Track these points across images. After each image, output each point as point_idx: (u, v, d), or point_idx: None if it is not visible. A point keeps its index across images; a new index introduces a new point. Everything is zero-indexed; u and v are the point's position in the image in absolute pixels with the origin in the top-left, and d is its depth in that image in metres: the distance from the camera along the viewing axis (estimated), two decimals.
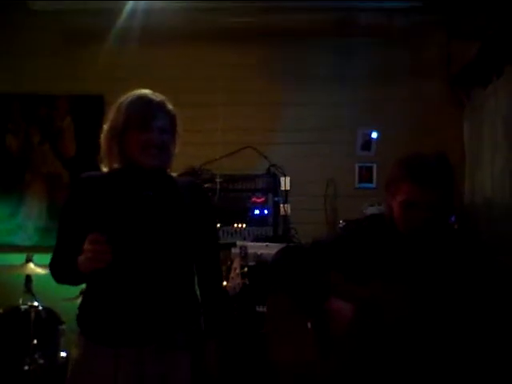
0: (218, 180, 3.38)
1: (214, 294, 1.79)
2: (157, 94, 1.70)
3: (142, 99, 1.66)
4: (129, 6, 3.52)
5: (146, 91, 1.69)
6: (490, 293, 1.67)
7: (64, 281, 1.72)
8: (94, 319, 1.63)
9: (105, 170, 1.71)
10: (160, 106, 1.66)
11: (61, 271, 1.69)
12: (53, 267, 1.70)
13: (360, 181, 3.66)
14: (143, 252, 1.61)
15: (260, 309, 2.82)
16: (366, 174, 3.65)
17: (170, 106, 1.69)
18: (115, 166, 1.68)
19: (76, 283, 1.74)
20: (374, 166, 3.65)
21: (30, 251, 3.21)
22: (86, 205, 1.63)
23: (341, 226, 3.20)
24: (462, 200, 3.41)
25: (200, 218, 1.73)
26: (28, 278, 3.03)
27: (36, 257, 3.09)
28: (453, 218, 2.72)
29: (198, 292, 1.79)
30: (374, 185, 3.64)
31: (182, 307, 1.67)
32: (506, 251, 2.60)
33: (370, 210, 3.16)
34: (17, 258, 3.26)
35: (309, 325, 1.83)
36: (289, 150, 3.64)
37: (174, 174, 1.79)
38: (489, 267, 1.73)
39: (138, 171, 1.66)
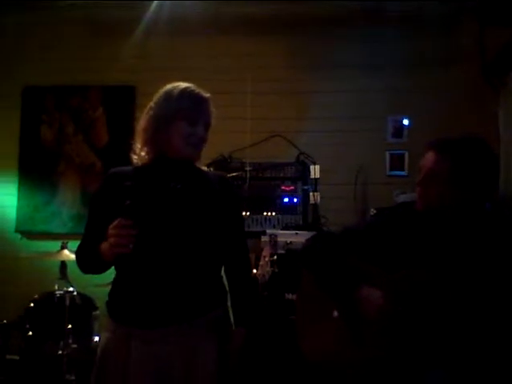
0: (247, 168, 3.39)
1: (242, 284, 1.81)
2: (201, 89, 1.74)
3: (194, 93, 1.71)
4: None
5: (191, 85, 1.73)
6: None
7: (88, 269, 1.73)
8: (123, 302, 1.67)
9: (135, 160, 1.74)
10: (208, 102, 1.73)
11: (85, 260, 1.72)
12: (78, 256, 1.74)
13: (391, 168, 3.63)
14: (169, 242, 1.64)
15: (289, 296, 2.83)
16: (397, 162, 3.61)
17: (212, 105, 1.74)
18: (146, 157, 1.72)
19: (99, 271, 1.72)
20: (406, 154, 3.61)
21: (64, 238, 3.27)
22: (115, 197, 1.65)
23: (372, 214, 3.16)
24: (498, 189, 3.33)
25: (227, 211, 1.76)
26: (63, 264, 3.09)
27: (70, 244, 3.16)
28: (488, 206, 2.66)
29: (225, 283, 1.81)
30: (405, 172, 3.60)
31: (205, 295, 1.69)
32: None
33: (402, 198, 3.12)
34: (52, 245, 3.33)
35: (335, 313, 1.83)
36: (318, 138, 3.63)
37: (204, 168, 1.84)
38: None
39: (167, 164, 1.70)
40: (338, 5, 3.63)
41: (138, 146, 1.75)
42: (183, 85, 1.72)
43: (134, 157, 1.75)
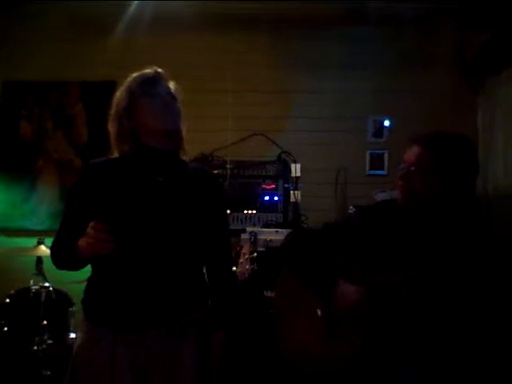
0: (228, 166, 3.38)
1: (224, 285, 1.76)
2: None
3: (144, 73, 1.68)
4: None
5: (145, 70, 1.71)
6: (501, 278, 1.64)
7: (63, 265, 1.69)
8: (98, 303, 1.62)
9: (116, 155, 1.68)
10: (160, 76, 1.69)
11: (60, 255, 1.67)
12: (53, 251, 1.68)
13: (371, 168, 3.66)
14: (150, 238, 1.59)
15: (268, 294, 2.82)
16: (377, 161, 3.65)
17: (166, 76, 1.71)
18: (126, 149, 1.66)
19: (75, 268, 1.67)
20: (386, 153, 3.65)
21: (42, 235, 3.23)
22: (94, 191, 1.61)
23: (350, 211, 3.18)
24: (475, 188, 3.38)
25: (210, 206, 1.71)
26: (39, 260, 3.06)
27: (47, 240, 3.12)
28: (466, 205, 2.69)
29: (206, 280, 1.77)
30: (385, 172, 3.64)
31: (187, 295, 1.65)
32: None
33: (381, 196, 3.14)
34: (29, 242, 3.29)
35: (319, 312, 1.83)
36: (299, 137, 3.64)
37: (187, 159, 1.76)
38: (499, 252, 1.70)
39: (149, 155, 1.65)
40: (321, 5, 3.65)
41: (113, 144, 1.68)
42: (136, 72, 1.71)
43: (115, 154, 1.69)
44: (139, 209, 1.60)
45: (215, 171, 3.33)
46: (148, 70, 1.69)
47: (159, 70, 1.71)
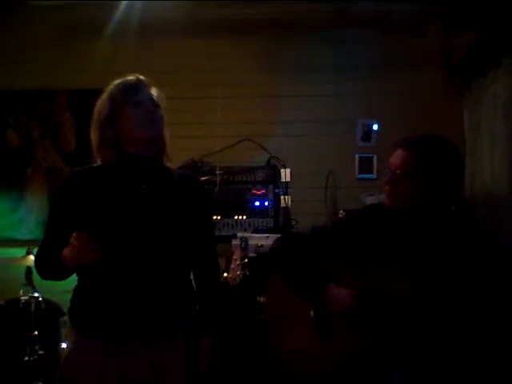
0: (218, 172, 3.39)
1: (210, 290, 1.75)
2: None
3: (126, 80, 1.67)
4: None
5: (128, 77, 1.69)
6: (491, 281, 1.66)
7: (47, 275, 1.67)
8: (85, 312, 1.60)
9: (99, 163, 1.67)
10: (143, 83, 1.67)
11: (45, 265, 1.66)
12: (37, 261, 1.68)
13: (360, 171, 3.68)
14: (135, 246, 1.58)
15: (260, 299, 2.83)
16: (366, 165, 3.66)
17: (148, 84, 1.69)
18: (108, 157, 1.65)
19: (59, 278, 1.66)
20: (375, 157, 3.66)
21: (31, 245, 3.21)
22: (77, 199, 1.60)
23: (340, 215, 3.20)
24: (462, 190, 3.41)
25: (195, 213, 1.69)
26: (28, 270, 3.03)
27: (36, 249, 3.09)
28: (453, 207, 2.71)
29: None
30: (374, 175, 3.65)
31: (174, 302, 1.64)
32: (504, 241, 2.60)
33: (370, 200, 3.16)
34: (18, 252, 3.27)
35: (311, 313, 1.83)
36: (289, 142, 3.65)
37: (169, 165, 1.75)
38: (486, 254, 1.72)
39: (132, 162, 1.64)
40: (309, 7, 3.64)
41: (95, 153, 1.67)
42: (118, 80, 1.69)
43: (98, 162, 1.68)
44: (123, 216, 1.59)
45: (205, 177, 3.33)
46: (130, 77, 1.68)
47: (141, 76, 1.70)
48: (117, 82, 1.69)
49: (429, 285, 1.65)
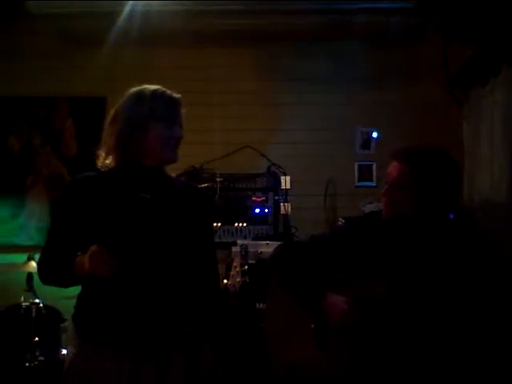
0: (218, 179, 3.39)
1: (210, 298, 1.76)
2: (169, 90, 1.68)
3: (167, 94, 1.63)
4: (127, 7, 3.57)
5: (159, 86, 1.66)
6: (485, 288, 1.67)
7: (52, 281, 1.67)
8: (92, 319, 1.60)
9: (100, 165, 1.66)
10: (181, 103, 1.66)
11: (51, 271, 1.65)
12: (42, 267, 1.67)
13: (360, 179, 3.70)
14: (138, 255, 1.59)
15: (260, 306, 2.83)
16: (365, 173, 3.68)
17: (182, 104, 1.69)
18: (111, 164, 1.64)
19: (66, 285, 1.66)
20: (374, 165, 3.69)
21: (32, 251, 3.22)
22: (81, 207, 1.60)
23: (340, 223, 3.21)
24: (461, 199, 3.42)
25: (197, 221, 1.70)
26: (29, 276, 3.04)
27: (38, 256, 3.10)
28: (451, 216, 2.73)
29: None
30: (374, 183, 3.67)
31: (176, 308, 1.65)
32: (504, 250, 2.61)
33: (369, 208, 3.17)
34: (19, 258, 3.28)
35: (311, 325, 1.84)
36: (289, 150, 3.67)
37: (173, 174, 1.76)
38: (484, 263, 1.72)
39: (136, 171, 1.63)
40: (308, 18, 3.69)
41: (102, 154, 1.65)
42: (152, 86, 1.65)
43: (99, 164, 1.67)
44: (129, 227, 1.59)
45: (205, 184, 3.34)
46: (173, 93, 1.65)
47: (178, 95, 1.67)
48: (160, 89, 1.64)
49: (423, 293, 1.66)
